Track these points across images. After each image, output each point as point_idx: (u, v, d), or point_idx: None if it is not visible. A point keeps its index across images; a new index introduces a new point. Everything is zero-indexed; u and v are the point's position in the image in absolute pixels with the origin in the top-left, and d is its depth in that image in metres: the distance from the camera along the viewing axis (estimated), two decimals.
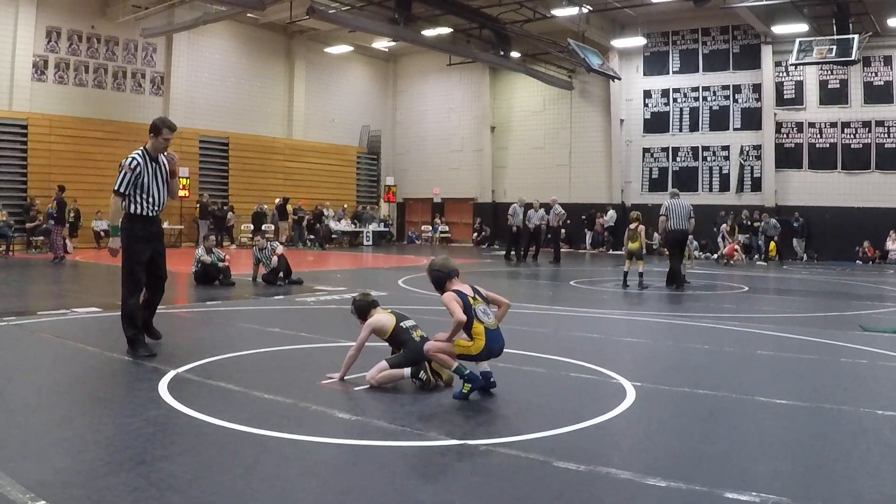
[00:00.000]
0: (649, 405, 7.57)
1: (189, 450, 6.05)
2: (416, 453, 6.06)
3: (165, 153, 10.27)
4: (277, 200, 40.85)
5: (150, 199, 10.01)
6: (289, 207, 40.98)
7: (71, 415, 7.02)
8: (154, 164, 10.09)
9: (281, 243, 22.55)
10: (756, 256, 36.03)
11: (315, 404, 7.32)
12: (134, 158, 9.94)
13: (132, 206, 9.94)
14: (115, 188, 9.90)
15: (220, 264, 19.76)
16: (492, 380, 7.82)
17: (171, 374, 8.50)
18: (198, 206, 38.79)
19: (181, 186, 37.43)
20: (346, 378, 8.37)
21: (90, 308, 14.61)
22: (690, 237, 22.51)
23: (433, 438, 6.36)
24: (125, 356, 9.62)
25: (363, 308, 8.75)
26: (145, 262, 10.02)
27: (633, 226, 20.79)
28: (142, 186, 9.92)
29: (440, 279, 8.16)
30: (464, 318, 7.58)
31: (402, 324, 8.46)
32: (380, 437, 6.39)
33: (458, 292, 7.88)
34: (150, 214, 10.09)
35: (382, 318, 8.49)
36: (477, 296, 7.96)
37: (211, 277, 19.46)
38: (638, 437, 6.62)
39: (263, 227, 37.55)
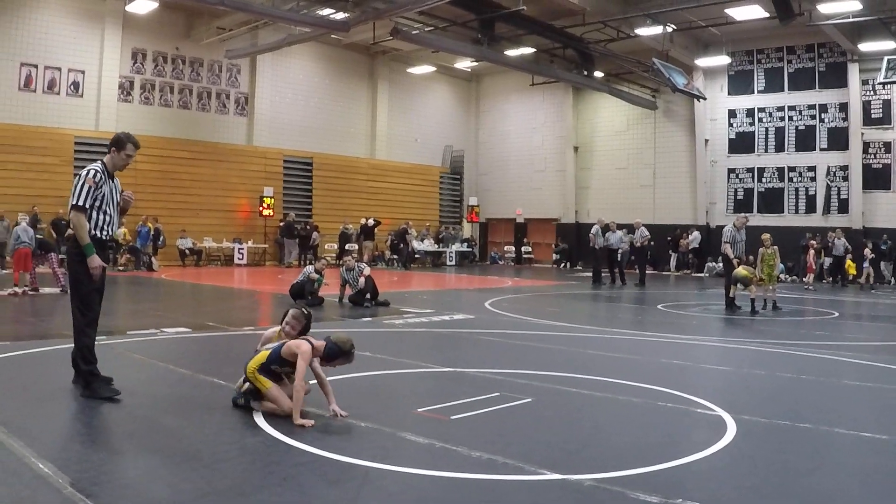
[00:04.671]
0: (751, 440, 7.38)
1: (288, 480, 5.98)
2: (519, 488, 5.94)
3: (123, 192, 9.31)
4: (368, 221, 41.01)
5: (107, 219, 8.96)
6: (377, 228, 41.15)
7: (166, 442, 6.99)
8: (111, 182, 9.04)
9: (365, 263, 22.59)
10: (831, 279, 35.04)
11: (413, 434, 7.23)
12: (97, 171, 8.82)
13: (87, 225, 8.79)
14: (75, 202, 8.70)
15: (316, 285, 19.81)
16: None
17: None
18: (281, 224, 39.03)
19: (267, 206, 37.90)
20: (437, 407, 8.29)
21: (179, 328, 14.71)
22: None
23: (535, 473, 6.23)
24: (217, 379, 9.63)
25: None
26: (101, 288, 9.04)
27: (746, 266, 20.61)
28: (100, 203, 8.86)
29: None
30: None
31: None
32: (481, 471, 6.28)
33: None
34: (104, 236, 8.98)
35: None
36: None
37: (303, 294, 19.45)
38: (744, 474, 6.42)
39: (347, 247, 37.62)
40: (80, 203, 8.68)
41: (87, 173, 8.78)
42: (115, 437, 7.10)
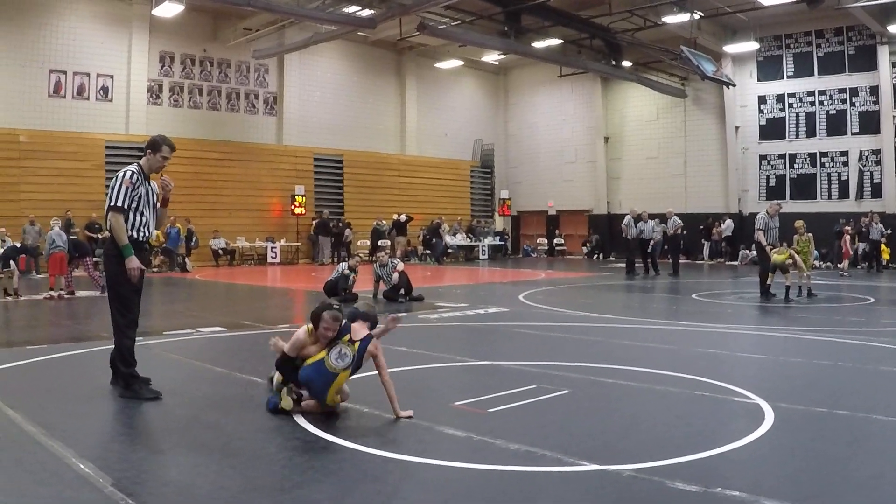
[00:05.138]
0: (789, 427, 7.34)
1: (328, 476, 6.00)
2: (558, 480, 5.94)
3: (161, 178, 9.17)
4: (400, 216, 41.06)
5: (144, 220, 8.89)
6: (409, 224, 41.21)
7: (205, 440, 7.03)
8: (148, 184, 9.01)
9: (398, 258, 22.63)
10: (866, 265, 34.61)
11: (451, 427, 7.25)
12: (133, 172, 8.80)
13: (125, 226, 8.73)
14: (113, 203, 8.65)
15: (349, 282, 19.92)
16: None
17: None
18: (314, 222, 39.16)
19: (298, 205, 37.99)
20: (474, 400, 8.30)
21: (215, 327, 14.80)
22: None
23: (574, 464, 6.23)
24: (254, 377, 9.66)
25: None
26: (140, 290, 8.94)
27: (782, 249, 20.42)
28: (137, 204, 8.80)
29: (352, 315, 8.02)
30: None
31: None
32: (520, 463, 6.27)
33: (346, 326, 7.87)
34: (141, 238, 8.90)
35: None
36: (357, 344, 7.72)
37: (337, 291, 19.54)
38: (783, 462, 6.39)
39: (380, 243, 37.67)
40: (119, 204, 8.61)
41: (124, 174, 8.72)
42: (154, 437, 7.15)
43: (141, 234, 8.86)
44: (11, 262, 21.23)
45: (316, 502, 5.41)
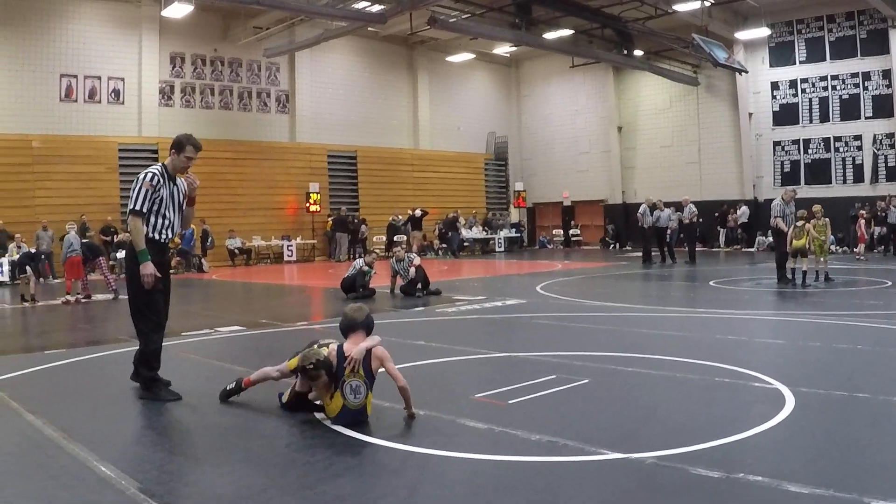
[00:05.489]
0: (809, 412, 7.34)
1: (350, 470, 6.00)
2: (581, 469, 5.94)
3: (185, 176, 9.07)
4: (415, 211, 41.15)
5: (166, 223, 8.77)
6: (424, 218, 41.18)
7: (226, 440, 7.04)
8: (172, 185, 8.87)
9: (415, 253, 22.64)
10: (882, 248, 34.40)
11: (472, 420, 7.24)
12: (154, 174, 8.65)
13: (145, 229, 8.63)
14: (132, 207, 8.55)
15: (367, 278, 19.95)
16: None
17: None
18: (330, 219, 39.19)
19: (314, 202, 38.01)
20: (494, 392, 8.28)
21: (233, 326, 14.81)
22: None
23: (596, 453, 6.22)
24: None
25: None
26: (161, 291, 8.79)
27: (799, 223, 20.32)
28: (158, 206, 8.66)
29: (343, 328, 7.69)
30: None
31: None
32: (542, 453, 6.29)
33: (340, 352, 7.35)
34: (163, 240, 8.80)
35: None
36: (360, 368, 7.24)
37: (355, 287, 19.63)
38: (805, 447, 6.39)
39: (396, 238, 37.65)
40: (137, 207, 8.50)
41: (144, 176, 8.59)
42: (176, 438, 7.16)
43: (163, 236, 8.73)
44: (28, 269, 21.30)
45: (339, 498, 5.40)
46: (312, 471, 6.05)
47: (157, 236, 8.66)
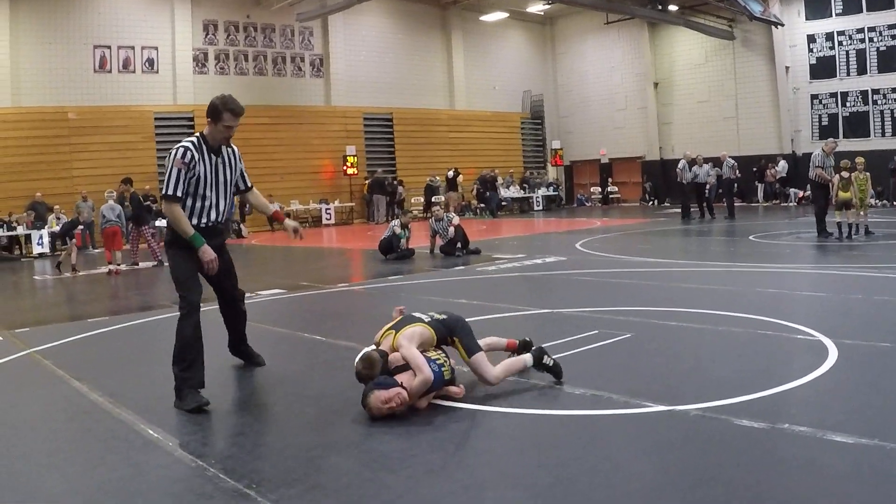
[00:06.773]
0: (853, 363, 7.29)
1: (395, 426, 6.03)
2: (626, 422, 5.96)
3: (290, 232, 8.14)
4: (449, 172, 41.04)
5: (207, 204, 7.34)
6: (459, 179, 41.06)
7: (270, 399, 7.21)
8: (215, 158, 7.37)
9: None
10: None
11: (516, 375, 7.19)
12: (187, 149, 7.15)
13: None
14: (165, 192, 7.11)
15: (402, 241, 19.97)
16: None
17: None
18: (367, 182, 39.25)
19: (350, 165, 38.02)
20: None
21: (273, 290, 14.93)
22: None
23: (640, 406, 6.23)
24: (317, 335, 9.73)
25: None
26: (199, 274, 7.46)
27: (844, 174, 20.16)
28: (195, 187, 7.21)
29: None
30: (430, 376, 6.43)
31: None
32: (587, 407, 6.31)
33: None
34: (205, 224, 7.36)
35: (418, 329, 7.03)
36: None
37: (392, 248, 19.77)
38: (848, 397, 6.37)
39: (434, 199, 37.63)
40: (170, 192, 7.09)
41: (176, 153, 7.15)
42: (220, 399, 7.16)
43: (203, 220, 7.34)
44: (68, 239, 21.42)
45: (385, 454, 5.44)
46: (358, 428, 6.09)
47: (195, 221, 7.27)
